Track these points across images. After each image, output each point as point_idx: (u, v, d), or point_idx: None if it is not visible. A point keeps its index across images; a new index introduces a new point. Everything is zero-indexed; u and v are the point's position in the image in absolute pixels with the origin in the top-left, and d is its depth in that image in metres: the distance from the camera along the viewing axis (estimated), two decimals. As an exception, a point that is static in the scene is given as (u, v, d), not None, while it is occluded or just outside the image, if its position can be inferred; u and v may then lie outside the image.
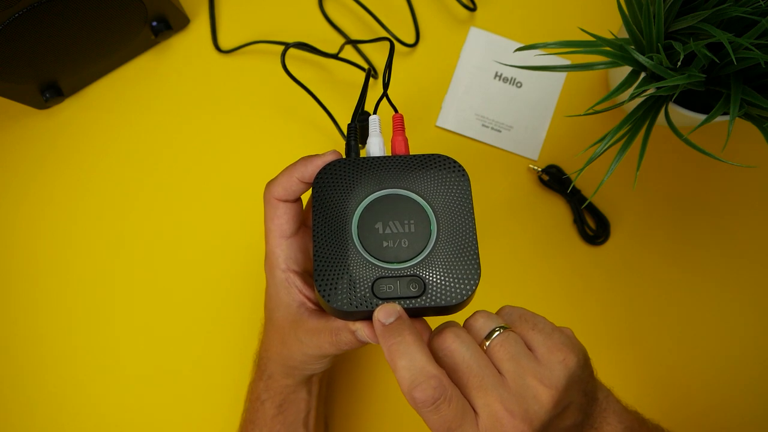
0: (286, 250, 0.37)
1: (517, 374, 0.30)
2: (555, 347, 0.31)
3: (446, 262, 0.33)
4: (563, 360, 0.31)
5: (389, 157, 0.35)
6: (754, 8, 0.40)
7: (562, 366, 0.31)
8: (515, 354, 0.31)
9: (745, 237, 0.54)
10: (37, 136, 0.55)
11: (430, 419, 0.29)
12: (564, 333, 0.33)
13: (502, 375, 0.30)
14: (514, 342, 0.31)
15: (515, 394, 0.30)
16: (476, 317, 0.33)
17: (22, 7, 0.44)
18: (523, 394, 0.30)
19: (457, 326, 0.32)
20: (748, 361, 0.52)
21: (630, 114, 0.43)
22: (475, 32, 0.56)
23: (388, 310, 0.31)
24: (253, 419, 0.41)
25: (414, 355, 0.29)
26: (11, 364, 0.52)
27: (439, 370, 0.29)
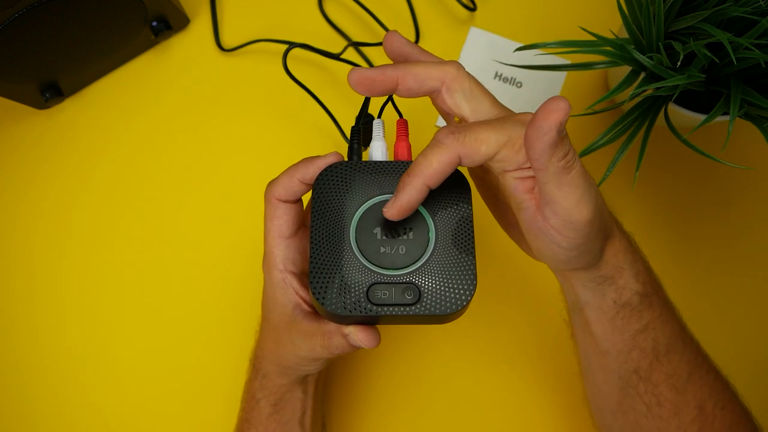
0: (284, 250, 0.37)
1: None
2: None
3: (442, 271, 0.32)
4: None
5: (391, 162, 0.35)
6: (754, 8, 0.39)
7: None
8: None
9: (746, 237, 0.54)
10: (37, 136, 0.55)
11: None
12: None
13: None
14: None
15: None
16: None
17: (22, 7, 0.44)
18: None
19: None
20: (748, 360, 0.52)
21: (629, 112, 0.43)
22: (475, 32, 0.56)
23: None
24: (248, 418, 0.41)
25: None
26: (11, 365, 0.52)
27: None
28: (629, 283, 0.35)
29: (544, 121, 0.27)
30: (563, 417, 0.51)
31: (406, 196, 0.31)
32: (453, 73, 0.33)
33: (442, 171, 0.30)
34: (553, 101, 0.27)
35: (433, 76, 0.33)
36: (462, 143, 0.30)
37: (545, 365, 0.52)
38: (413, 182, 0.31)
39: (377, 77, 0.33)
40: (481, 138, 0.30)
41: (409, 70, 0.33)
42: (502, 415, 0.51)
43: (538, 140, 0.28)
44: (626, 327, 0.36)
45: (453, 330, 0.52)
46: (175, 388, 0.52)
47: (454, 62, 0.33)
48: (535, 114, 0.28)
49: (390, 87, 0.33)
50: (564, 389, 0.51)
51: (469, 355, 0.52)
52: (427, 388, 0.52)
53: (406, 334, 0.52)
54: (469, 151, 0.30)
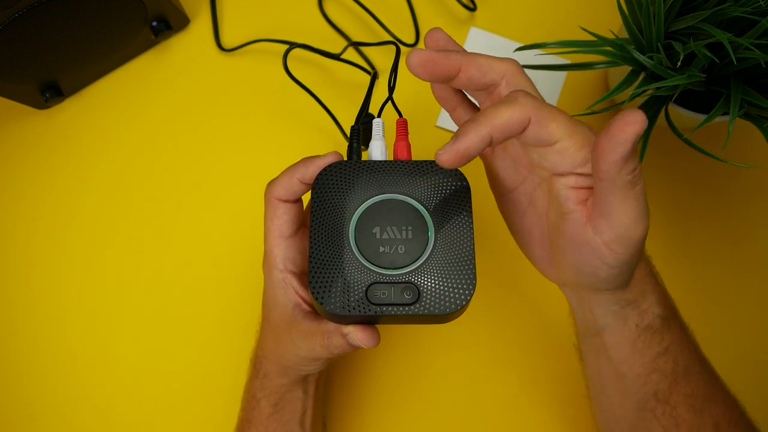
0: (284, 250, 0.37)
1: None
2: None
3: (442, 271, 0.32)
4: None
5: (390, 161, 0.35)
6: (754, 8, 0.39)
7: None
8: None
9: (746, 237, 0.54)
10: (37, 136, 0.55)
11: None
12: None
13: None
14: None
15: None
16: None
17: (22, 7, 0.44)
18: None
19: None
20: (748, 360, 0.52)
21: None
22: (475, 32, 0.56)
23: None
24: (249, 418, 0.41)
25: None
26: (11, 365, 0.52)
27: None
28: (652, 306, 0.35)
29: (621, 132, 0.27)
30: (564, 417, 0.51)
31: (467, 140, 0.28)
32: (514, 70, 0.32)
33: (509, 127, 0.29)
34: (630, 113, 0.27)
35: (496, 68, 0.32)
36: (538, 109, 0.29)
37: (546, 366, 0.52)
38: (478, 128, 0.29)
39: (441, 60, 0.31)
40: (555, 116, 0.30)
41: (473, 58, 0.32)
42: (503, 415, 0.51)
43: (612, 151, 0.27)
44: (647, 350, 0.36)
45: (453, 330, 0.52)
46: (176, 388, 0.52)
47: (512, 59, 0.33)
48: (610, 124, 0.27)
49: (451, 73, 0.32)
50: (565, 389, 0.51)
51: (469, 355, 0.52)
52: (427, 388, 0.52)
53: (405, 334, 0.52)
54: (540, 120, 0.29)
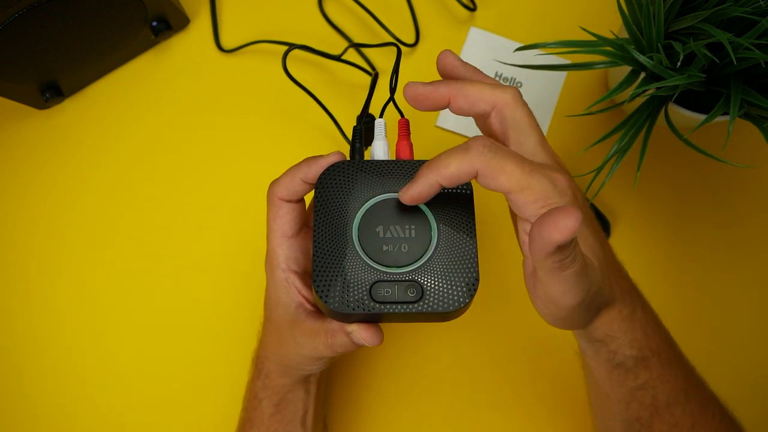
0: (287, 250, 0.37)
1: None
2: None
3: (445, 269, 0.33)
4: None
5: (393, 161, 0.35)
6: (754, 8, 0.40)
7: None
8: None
9: (746, 237, 0.54)
10: (37, 136, 0.55)
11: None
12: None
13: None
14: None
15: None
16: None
17: (22, 7, 0.44)
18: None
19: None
20: (748, 359, 0.52)
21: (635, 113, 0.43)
22: (475, 32, 0.56)
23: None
24: (251, 418, 0.41)
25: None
26: (12, 365, 0.52)
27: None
28: (622, 348, 0.35)
29: (549, 235, 0.27)
30: (565, 418, 0.51)
31: (419, 187, 0.31)
32: (507, 100, 0.32)
33: (457, 176, 0.30)
34: (566, 215, 0.26)
35: (486, 98, 0.32)
36: (486, 162, 0.30)
37: (547, 366, 0.52)
38: (428, 176, 0.31)
39: (429, 94, 0.33)
40: (506, 169, 0.30)
41: (463, 89, 0.33)
42: (503, 415, 0.51)
43: (538, 243, 0.28)
44: (622, 383, 0.36)
45: (455, 329, 0.52)
46: (177, 388, 0.52)
47: (511, 88, 0.33)
48: (544, 217, 0.27)
49: (441, 104, 0.33)
50: (565, 390, 0.51)
51: (471, 355, 0.52)
52: (429, 388, 0.52)
53: (407, 334, 0.52)
54: (487, 173, 0.30)
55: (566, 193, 0.30)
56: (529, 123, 0.33)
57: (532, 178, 0.30)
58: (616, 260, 0.37)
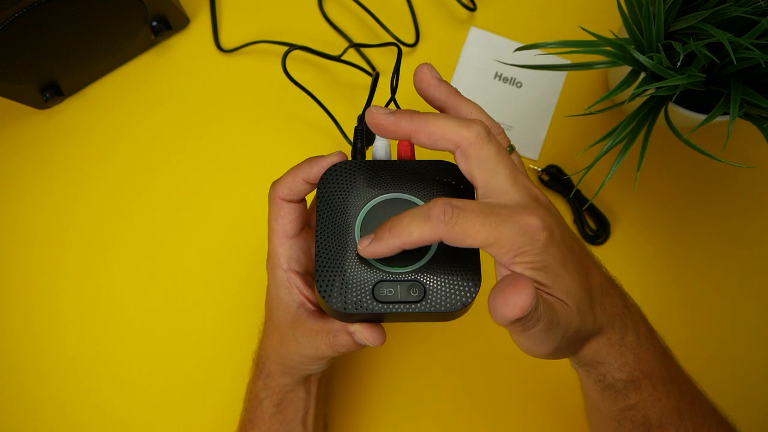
0: (288, 250, 0.37)
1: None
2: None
3: (447, 269, 0.33)
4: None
5: (395, 161, 0.36)
6: (754, 8, 0.40)
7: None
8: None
9: (746, 236, 0.54)
10: (37, 136, 0.55)
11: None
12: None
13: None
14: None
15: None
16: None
17: (22, 7, 0.44)
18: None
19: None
20: (749, 359, 0.52)
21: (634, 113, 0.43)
22: (475, 32, 0.56)
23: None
24: (251, 418, 0.41)
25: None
26: (12, 365, 0.52)
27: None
28: (611, 371, 0.35)
29: (501, 312, 0.27)
30: (566, 418, 0.51)
31: (379, 248, 0.31)
32: (471, 140, 0.31)
33: (418, 243, 0.30)
34: (516, 293, 0.27)
35: (449, 137, 0.31)
36: (449, 230, 0.29)
37: (547, 367, 0.52)
38: (390, 241, 0.31)
39: (390, 127, 0.32)
40: (470, 232, 0.29)
41: (424, 125, 0.32)
42: (504, 415, 0.51)
43: (494, 314, 0.28)
44: (613, 403, 0.36)
45: (456, 329, 0.52)
46: (178, 388, 0.52)
47: (476, 125, 0.31)
48: (497, 291, 0.28)
49: (403, 137, 0.32)
50: (566, 391, 0.51)
51: (472, 355, 0.52)
52: (429, 387, 0.52)
53: (408, 334, 0.52)
54: (452, 239, 0.30)
55: (538, 237, 0.30)
56: (496, 161, 0.31)
57: (500, 232, 0.29)
58: (607, 282, 0.36)
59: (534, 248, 0.30)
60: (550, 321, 0.30)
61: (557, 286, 0.31)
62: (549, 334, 0.30)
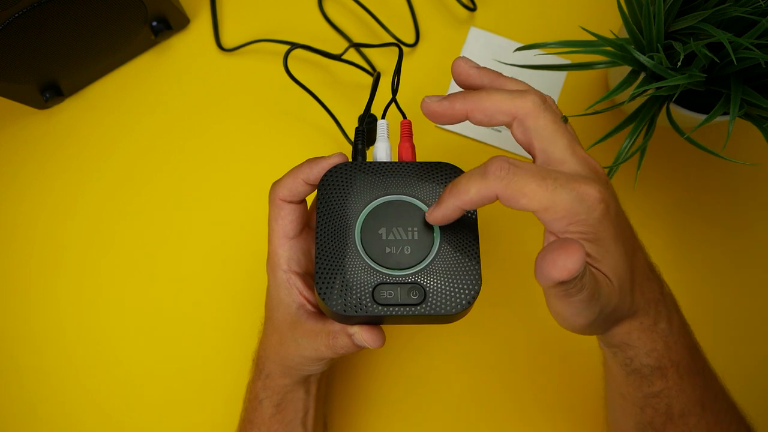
0: (288, 250, 0.37)
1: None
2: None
3: (447, 271, 0.33)
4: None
5: (395, 163, 0.35)
6: (754, 8, 0.40)
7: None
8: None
9: (746, 236, 0.54)
10: (37, 136, 0.55)
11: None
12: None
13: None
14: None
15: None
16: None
17: (22, 7, 0.44)
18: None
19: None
20: (749, 359, 0.52)
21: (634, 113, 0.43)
22: (475, 32, 0.56)
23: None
24: (251, 419, 0.41)
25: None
26: (12, 366, 0.52)
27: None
28: (639, 356, 0.35)
29: (548, 272, 0.27)
30: (565, 419, 0.51)
31: (442, 210, 0.31)
32: (528, 108, 0.31)
33: (478, 201, 0.30)
34: (566, 255, 0.26)
35: (504, 110, 0.31)
36: (506, 186, 0.29)
37: (548, 368, 0.52)
38: (449, 201, 0.31)
39: (445, 111, 0.32)
40: (526, 191, 0.29)
41: (479, 102, 0.31)
42: (504, 416, 0.51)
43: (539, 274, 0.28)
44: (637, 389, 0.36)
45: (455, 331, 0.52)
46: (178, 388, 0.52)
47: (533, 94, 0.31)
48: (547, 251, 0.27)
49: (459, 119, 0.32)
50: (566, 391, 0.51)
51: (472, 357, 0.52)
52: (429, 389, 0.52)
53: (408, 335, 0.52)
54: (508, 197, 0.29)
55: (595, 208, 0.29)
56: (554, 129, 0.31)
57: (556, 196, 0.29)
58: (648, 267, 0.36)
59: (590, 218, 0.29)
60: (592, 293, 0.29)
61: (605, 261, 0.31)
62: (589, 305, 0.30)
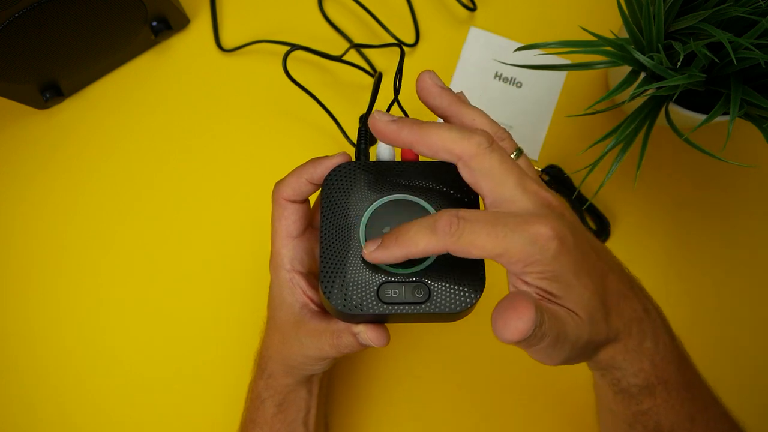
0: (292, 250, 0.37)
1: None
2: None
3: (451, 270, 0.33)
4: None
5: (399, 162, 0.36)
6: (754, 8, 0.40)
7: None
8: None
9: (746, 236, 0.54)
10: (37, 136, 0.55)
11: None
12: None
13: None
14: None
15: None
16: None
17: (22, 7, 0.44)
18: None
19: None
20: (749, 358, 0.52)
21: (634, 113, 0.43)
22: (475, 32, 0.56)
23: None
24: (253, 418, 0.41)
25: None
26: (12, 366, 0.52)
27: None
28: (627, 377, 0.35)
29: (502, 335, 0.28)
30: (565, 419, 0.51)
31: (384, 255, 0.31)
32: (472, 151, 0.30)
33: (425, 254, 0.30)
34: (516, 317, 0.28)
35: (449, 149, 0.31)
36: (455, 242, 0.29)
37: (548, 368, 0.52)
38: (394, 250, 0.31)
39: (391, 135, 0.32)
40: (477, 243, 0.29)
41: (425, 137, 0.31)
42: (504, 416, 0.51)
43: (497, 335, 0.28)
44: (626, 407, 0.36)
45: (458, 330, 0.52)
46: (180, 388, 0.52)
47: (477, 135, 0.31)
48: (498, 313, 0.29)
49: (404, 146, 0.32)
50: (567, 391, 0.51)
51: (475, 356, 0.52)
52: (432, 388, 0.52)
53: (410, 334, 0.53)
54: (459, 251, 0.29)
55: (548, 247, 0.29)
56: (501, 169, 0.30)
57: (507, 242, 0.29)
58: (625, 286, 0.35)
59: (544, 258, 0.29)
60: (556, 337, 0.29)
61: (569, 296, 0.30)
62: (556, 348, 0.30)
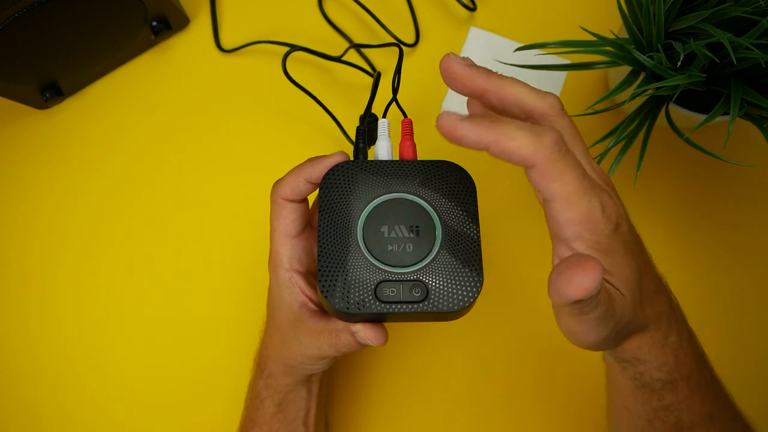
0: (290, 249, 0.37)
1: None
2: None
3: (449, 269, 0.33)
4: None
5: (397, 161, 0.36)
6: (754, 8, 0.40)
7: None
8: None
9: (746, 236, 0.54)
10: (37, 136, 0.55)
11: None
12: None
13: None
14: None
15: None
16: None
17: (22, 7, 0.44)
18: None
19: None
20: (748, 359, 0.52)
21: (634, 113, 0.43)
22: (475, 32, 0.56)
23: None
24: (253, 418, 0.41)
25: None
26: (12, 366, 0.52)
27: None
28: (650, 371, 0.34)
29: (564, 290, 0.26)
30: (565, 419, 0.51)
31: (467, 130, 0.27)
32: (545, 111, 0.29)
33: (510, 154, 0.27)
34: (584, 273, 0.25)
35: (523, 104, 0.29)
36: (548, 161, 0.27)
37: (548, 368, 0.52)
38: (485, 134, 0.27)
39: (462, 79, 0.29)
40: (565, 178, 0.27)
41: (499, 87, 0.29)
42: (504, 416, 0.51)
43: (553, 292, 0.26)
44: (646, 402, 0.35)
45: (456, 330, 0.52)
46: (179, 387, 0.52)
47: (551, 97, 0.29)
48: (564, 267, 0.26)
49: (472, 94, 0.30)
50: (567, 391, 0.51)
51: (474, 355, 0.52)
52: (431, 387, 0.52)
53: (409, 333, 0.53)
54: (544, 171, 0.27)
55: (612, 219, 0.28)
56: (573, 135, 0.30)
57: (585, 198, 0.27)
58: (657, 280, 0.35)
59: (605, 228, 0.28)
60: (607, 309, 0.28)
61: (618, 273, 0.30)
62: (603, 322, 0.29)
